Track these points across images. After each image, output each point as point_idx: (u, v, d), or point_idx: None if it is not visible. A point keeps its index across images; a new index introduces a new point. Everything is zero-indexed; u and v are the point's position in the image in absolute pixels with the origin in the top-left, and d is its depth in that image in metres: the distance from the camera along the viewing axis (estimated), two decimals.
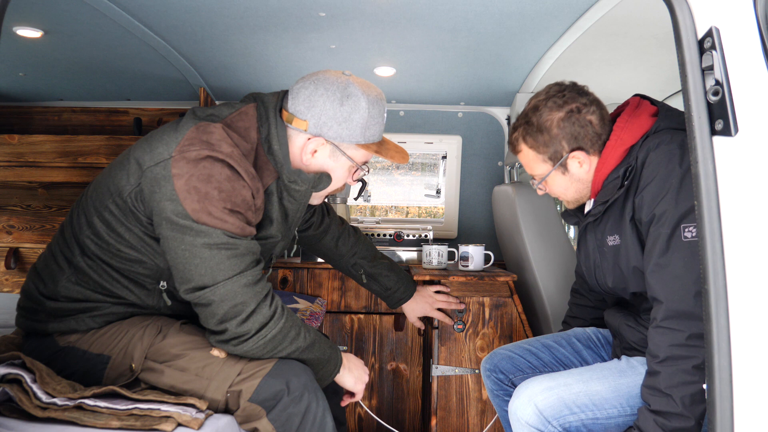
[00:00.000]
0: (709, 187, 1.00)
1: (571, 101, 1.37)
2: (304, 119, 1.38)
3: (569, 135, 1.37)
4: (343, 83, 1.38)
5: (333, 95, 1.36)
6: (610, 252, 1.41)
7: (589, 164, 1.40)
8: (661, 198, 1.24)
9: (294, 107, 1.39)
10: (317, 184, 1.45)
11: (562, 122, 1.37)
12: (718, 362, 0.97)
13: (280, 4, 1.64)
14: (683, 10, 1.05)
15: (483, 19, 1.72)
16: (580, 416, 1.30)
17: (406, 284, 1.97)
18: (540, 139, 1.39)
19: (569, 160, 1.40)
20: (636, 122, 1.36)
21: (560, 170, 1.42)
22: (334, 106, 1.36)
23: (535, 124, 1.39)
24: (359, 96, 1.37)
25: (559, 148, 1.39)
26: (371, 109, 1.39)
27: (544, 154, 1.41)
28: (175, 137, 1.30)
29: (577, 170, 1.41)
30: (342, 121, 1.37)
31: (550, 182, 1.46)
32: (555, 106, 1.38)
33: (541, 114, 1.39)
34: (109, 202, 1.33)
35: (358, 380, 1.49)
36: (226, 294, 1.25)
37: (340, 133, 1.39)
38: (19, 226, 2.86)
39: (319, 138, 1.39)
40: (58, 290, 1.37)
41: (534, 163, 1.45)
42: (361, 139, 1.41)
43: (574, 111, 1.37)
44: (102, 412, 1.20)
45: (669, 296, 1.20)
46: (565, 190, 1.46)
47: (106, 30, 1.84)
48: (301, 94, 1.39)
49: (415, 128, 2.83)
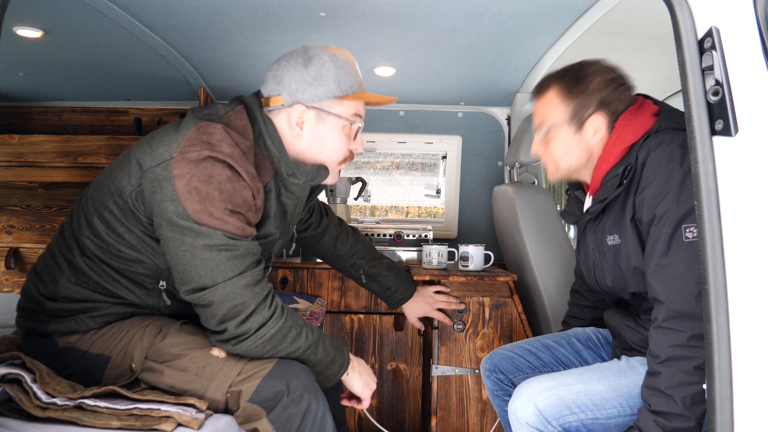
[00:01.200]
0: (709, 187, 1.00)
1: (616, 72, 1.41)
2: (278, 94, 1.41)
3: (602, 98, 1.38)
4: (302, 49, 1.42)
5: (295, 61, 1.40)
6: (609, 252, 1.41)
7: (601, 136, 1.40)
8: (662, 198, 1.24)
9: (266, 90, 1.43)
10: (315, 177, 1.46)
11: (604, 83, 1.39)
12: (718, 362, 0.97)
13: (280, 4, 1.64)
14: (683, 10, 1.05)
15: (483, 19, 1.72)
16: (579, 416, 1.30)
17: (405, 284, 1.97)
18: (574, 88, 1.40)
19: (589, 121, 1.39)
20: (638, 121, 1.37)
21: (574, 126, 1.41)
22: (299, 70, 1.39)
23: (576, 74, 1.41)
24: (320, 53, 1.40)
25: (586, 104, 1.39)
26: (336, 61, 1.41)
27: (569, 103, 1.40)
28: (176, 138, 1.30)
29: (590, 136, 1.40)
30: (312, 81, 1.39)
31: (554, 138, 1.44)
32: (602, 69, 1.40)
33: (586, 68, 1.41)
34: (110, 202, 1.33)
35: (365, 386, 1.47)
36: (226, 295, 1.25)
37: (315, 93, 1.40)
38: (19, 226, 2.86)
39: (299, 105, 1.40)
40: (57, 291, 1.37)
41: (552, 109, 1.43)
42: (338, 91, 1.41)
43: (617, 80, 1.40)
44: (102, 412, 1.20)
45: (670, 297, 1.20)
46: (566, 152, 1.43)
47: (106, 30, 1.84)
48: (268, 77, 1.43)
49: (415, 128, 2.83)
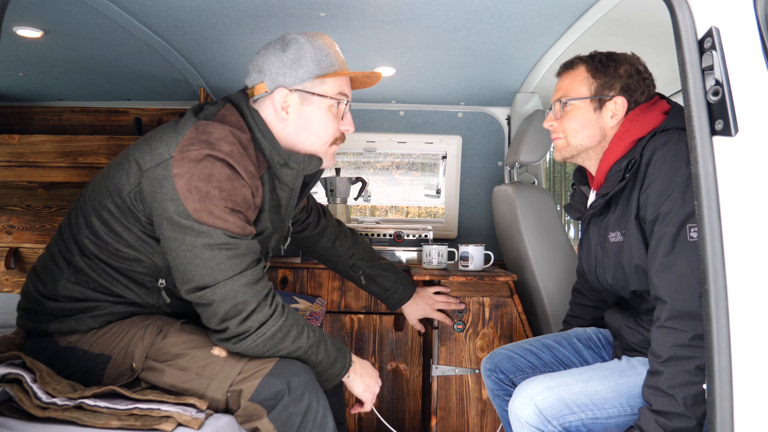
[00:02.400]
0: (709, 187, 1.00)
1: (644, 66, 1.47)
2: (260, 82, 1.42)
3: (627, 84, 1.43)
4: (280, 37, 1.44)
5: (274, 48, 1.42)
6: (612, 248, 1.41)
7: (617, 121, 1.43)
8: (667, 196, 1.24)
9: (249, 81, 1.45)
10: (308, 165, 1.47)
11: (632, 71, 1.44)
12: (718, 362, 0.97)
13: (280, 4, 1.64)
14: (683, 10, 1.05)
15: (483, 19, 1.72)
16: (580, 416, 1.30)
17: (405, 285, 1.97)
18: (603, 69, 1.44)
19: (610, 102, 1.43)
20: (647, 116, 1.38)
21: (594, 104, 1.44)
22: (277, 55, 1.41)
23: (607, 57, 1.46)
24: (297, 38, 1.42)
25: (611, 85, 1.43)
26: (314, 42, 1.43)
27: (595, 81, 1.45)
28: (175, 137, 1.30)
29: (608, 118, 1.43)
30: (292, 64, 1.41)
31: (573, 111, 1.46)
32: (633, 60, 1.46)
33: (616, 55, 1.47)
34: (108, 201, 1.33)
35: (367, 389, 1.46)
36: (227, 294, 1.25)
37: (297, 75, 1.41)
38: (19, 226, 2.86)
39: (281, 89, 1.41)
40: (57, 290, 1.37)
41: (578, 84, 1.46)
42: (318, 71, 1.42)
43: (644, 73, 1.45)
44: (102, 412, 1.20)
45: (673, 296, 1.20)
46: (581, 127, 1.45)
47: (106, 30, 1.84)
48: (250, 68, 1.46)
49: (415, 128, 2.83)
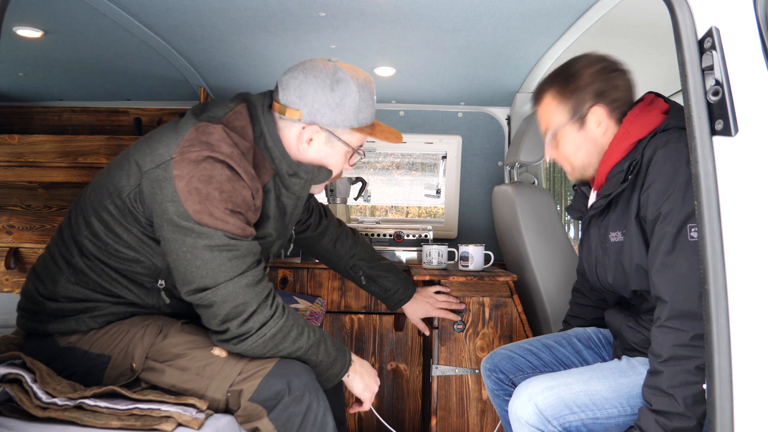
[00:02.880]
0: (709, 187, 1.00)
1: (605, 61, 1.41)
2: (297, 108, 1.39)
3: (596, 89, 1.39)
4: (332, 69, 1.39)
5: (323, 82, 1.38)
6: (612, 248, 1.41)
7: (606, 126, 1.40)
8: (668, 196, 1.24)
9: (285, 98, 1.40)
10: (316, 176, 1.47)
11: (594, 75, 1.40)
12: (718, 362, 0.97)
13: (280, 4, 1.64)
14: (683, 10, 1.05)
15: (483, 19, 1.72)
16: (580, 416, 1.30)
17: (405, 285, 1.97)
18: (567, 88, 1.41)
19: (589, 114, 1.40)
20: (646, 117, 1.37)
21: (577, 124, 1.42)
22: (325, 92, 1.37)
23: (566, 73, 1.42)
24: (349, 80, 1.39)
25: (583, 100, 1.40)
26: (361, 92, 1.41)
27: (566, 104, 1.42)
28: (175, 138, 1.30)
29: (594, 129, 1.41)
30: (334, 107, 1.39)
31: (562, 139, 1.45)
32: (591, 61, 1.42)
33: (574, 64, 1.42)
34: (108, 202, 1.33)
35: (366, 388, 1.47)
36: (228, 295, 1.25)
37: (334, 119, 1.40)
38: (19, 226, 2.86)
39: (314, 126, 1.40)
40: (57, 291, 1.37)
41: (553, 113, 1.44)
42: (355, 122, 1.42)
43: (607, 69, 1.40)
44: (102, 412, 1.20)
45: (674, 296, 1.20)
46: (576, 150, 1.44)
47: (106, 30, 1.84)
48: (291, 85, 1.39)
49: (415, 128, 2.83)
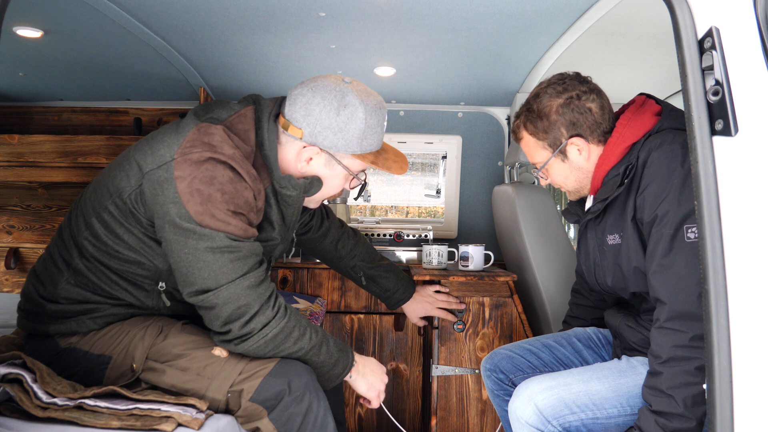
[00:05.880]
0: (709, 187, 1.00)
1: (570, 89, 1.40)
2: (300, 127, 1.36)
3: (568, 121, 1.40)
4: (341, 91, 1.35)
5: (330, 104, 1.34)
6: (610, 251, 1.41)
7: (588, 152, 1.41)
8: (664, 198, 1.24)
9: (290, 114, 1.38)
10: (308, 189, 1.43)
11: (561, 108, 1.39)
12: (718, 362, 0.97)
13: (280, 4, 1.64)
14: (683, 10, 1.05)
15: (483, 19, 1.72)
16: (580, 416, 1.30)
17: (405, 285, 1.97)
18: (540, 125, 1.42)
19: (568, 146, 1.41)
20: (639, 120, 1.37)
21: (560, 157, 1.44)
22: (330, 115, 1.34)
23: (536, 111, 1.42)
24: (356, 105, 1.35)
25: (558, 135, 1.41)
26: (369, 118, 1.37)
27: (543, 140, 1.43)
28: (177, 139, 1.30)
29: (577, 158, 1.42)
30: (338, 131, 1.35)
31: (550, 170, 1.48)
32: (555, 93, 1.40)
33: (542, 100, 1.41)
34: (109, 203, 1.33)
35: (370, 387, 1.46)
36: (230, 297, 1.25)
37: (336, 143, 1.37)
38: (19, 226, 2.86)
39: (314, 147, 1.38)
40: (57, 292, 1.37)
41: (534, 150, 1.47)
42: (358, 149, 1.39)
43: (573, 98, 1.39)
44: (102, 412, 1.20)
45: (672, 297, 1.20)
46: (565, 178, 1.47)
47: (106, 30, 1.84)
48: (298, 101, 1.37)
49: (415, 128, 2.83)
